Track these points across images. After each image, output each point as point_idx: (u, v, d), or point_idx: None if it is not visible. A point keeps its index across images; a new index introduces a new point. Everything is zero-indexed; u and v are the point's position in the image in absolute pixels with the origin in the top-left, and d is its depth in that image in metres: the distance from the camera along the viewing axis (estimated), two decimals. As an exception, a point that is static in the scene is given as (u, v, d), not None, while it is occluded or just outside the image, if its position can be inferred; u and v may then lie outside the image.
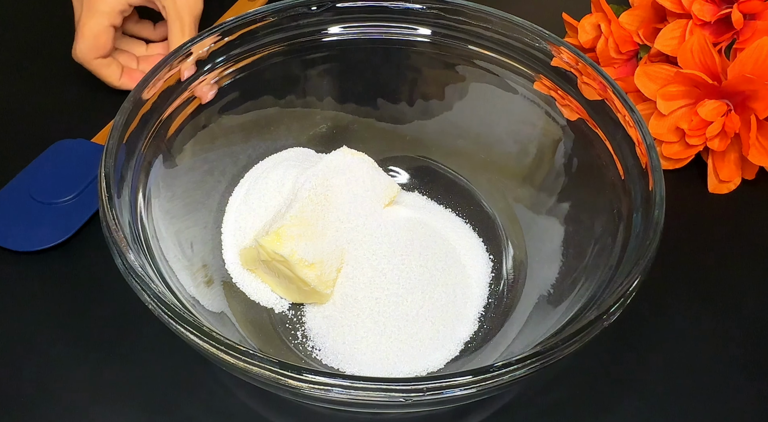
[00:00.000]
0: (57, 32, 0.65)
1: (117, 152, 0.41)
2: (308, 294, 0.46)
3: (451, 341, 0.46)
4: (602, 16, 0.58)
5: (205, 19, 0.59)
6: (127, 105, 0.43)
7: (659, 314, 0.50)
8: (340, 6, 0.51)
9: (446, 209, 0.53)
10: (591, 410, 0.46)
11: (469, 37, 0.51)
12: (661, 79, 0.55)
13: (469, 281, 0.49)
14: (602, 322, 0.36)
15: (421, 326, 0.46)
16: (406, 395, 0.33)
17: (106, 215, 0.39)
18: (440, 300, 0.47)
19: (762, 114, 0.52)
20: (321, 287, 0.46)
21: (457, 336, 0.46)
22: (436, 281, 0.47)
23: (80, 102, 0.61)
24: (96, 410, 0.44)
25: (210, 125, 0.49)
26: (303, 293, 0.46)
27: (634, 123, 0.43)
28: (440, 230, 0.51)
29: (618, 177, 0.44)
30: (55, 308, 0.48)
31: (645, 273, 0.38)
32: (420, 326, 0.46)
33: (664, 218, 0.40)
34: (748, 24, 0.53)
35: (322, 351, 0.46)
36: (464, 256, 0.50)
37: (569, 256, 0.47)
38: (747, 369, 0.48)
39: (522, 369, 0.34)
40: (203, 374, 0.46)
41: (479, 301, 0.48)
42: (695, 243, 0.54)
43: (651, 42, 0.56)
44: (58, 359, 0.46)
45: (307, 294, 0.46)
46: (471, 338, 0.47)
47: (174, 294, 0.39)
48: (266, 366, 0.34)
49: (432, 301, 0.47)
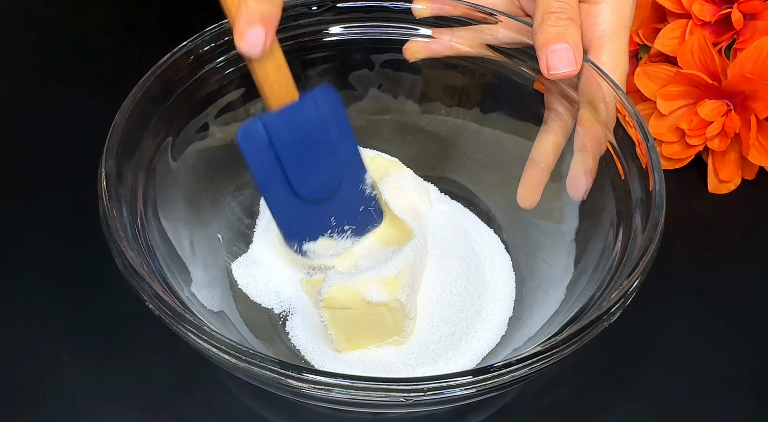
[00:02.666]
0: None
1: (117, 152, 0.41)
2: (380, 338, 0.44)
3: (472, 351, 0.46)
4: (602, 16, 0.58)
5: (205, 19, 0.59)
6: (127, 104, 0.43)
7: (659, 315, 0.50)
8: (340, 6, 0.50)
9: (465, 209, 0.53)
10: (591, 410, 0.46)
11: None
12: (661, 79, 0.55)
13: (496, 283, 0.49)
14: (602, 322, 0.36)
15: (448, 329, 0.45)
16: (407, 395, 0.33)
17: (106, 215, 0.39)
18: (473, 306, 0.46)
19: (762, 114, 0.52)
20: (407, 334, 0.44)
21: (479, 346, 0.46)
22: (470, 289, 0.47)
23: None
24: (96, 410, 0.44)
25: (211, 125, 0.49)
26: (370, 335, 0.44)
27: (634, 123, 0.43)
28: (471, 233, 0.51)
29: (618, 177, 0.44)
30: (55, 308, 0.48)
31: (645, 274, 0.38)
32: (446, 329, 0.45)
33: (664, 218, 0.40)
34: (748, 24, 0.53)
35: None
36: (488, 257, 0.50)
37: (569, 256, 0.47)
38: (747, 369, 0.48)
39: (522, 369, 0.34)
40: (203, 374, 0.46)
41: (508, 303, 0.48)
42: (695, 243, 0.54)
43: (651, 42, 0.56)
44: (58, 359, 0.46)
45: (379, 338, 0.44)
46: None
47: (174, 294, 0.39)
48: (267, 365, 0.34)
49: (463, 307, 0.46)
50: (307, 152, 0.42)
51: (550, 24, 0.43)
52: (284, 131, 0.41)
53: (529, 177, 0.49)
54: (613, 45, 0.46)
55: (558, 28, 0.43)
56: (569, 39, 0.43)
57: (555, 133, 0.48)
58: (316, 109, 0.42)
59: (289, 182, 0.42)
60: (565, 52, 0.43)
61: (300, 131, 0.41)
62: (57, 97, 0.61)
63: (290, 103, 0.41)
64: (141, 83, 0.44)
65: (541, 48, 0.44)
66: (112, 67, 0.63)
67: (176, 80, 0.46)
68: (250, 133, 0.41)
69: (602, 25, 0.45)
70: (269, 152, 0.41)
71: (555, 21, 0.43)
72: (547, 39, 0.43)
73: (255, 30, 0.37)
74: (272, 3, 0.38)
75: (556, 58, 0.43)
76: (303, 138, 0.42)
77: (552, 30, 0.43)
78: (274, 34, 0.39)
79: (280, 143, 0.41)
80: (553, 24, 0.43)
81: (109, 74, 0.62)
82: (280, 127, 0.41)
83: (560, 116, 0.47)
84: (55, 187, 0.55)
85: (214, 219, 0.50)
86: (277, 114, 0.41)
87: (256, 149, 0.41)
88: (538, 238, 0.50)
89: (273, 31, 0.38)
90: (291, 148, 0.41)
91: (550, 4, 0.44)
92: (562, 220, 0.49)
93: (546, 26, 0.43)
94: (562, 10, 0.44)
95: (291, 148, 0.41)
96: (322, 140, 0.42)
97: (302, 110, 0.41)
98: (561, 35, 0.43)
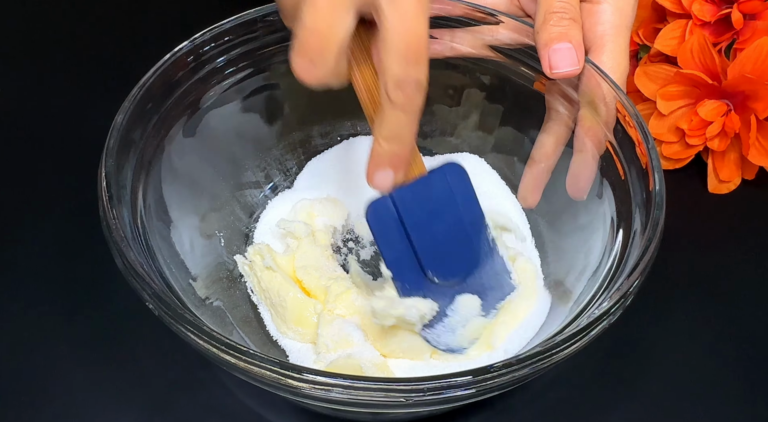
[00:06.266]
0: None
1: (117, 152, 0.41)
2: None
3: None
4: (602, 16, 0.58)
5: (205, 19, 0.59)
6: (127, 104, 0.43)
7: (659, 315, 0.50)
8: (340, 6, 0.50)
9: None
10: (591, 410, 0.46)
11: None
12: (661, 79, 0.55)
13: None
14: (602, 322, 0.36)
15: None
16: (407, 395, 0.33)
17: (106, 215, 0.39)
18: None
19: (762, 114, 0.52)
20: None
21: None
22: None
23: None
24: (96, 410, 0.44)
25: (210, 125, 0.49)
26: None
27: (634, 123, 0.43)
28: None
29: (618, 177, 0.44)
30: (55, 308, 0.48)
31: (645, 274, 0.38)
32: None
33: (664, 218, 0.40)
34: (748, 24, 0.53)
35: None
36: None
37: (569, 257, 0.47)
38: (747, 370, 0.48)
39: (522, 369, 0.34)
40: (203, 374, 0.46)
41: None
42: (695, 243, 0.54)
43: (651, 42, 0.56)
44: (58, 359, 0.46)
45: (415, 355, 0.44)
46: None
47: (174, 294, 0.39)
48: (267, 365, 0.34)
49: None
50: (438, 229, 0.40)
51: (553, 23, 0.43)
52: (413, 205, 0.40)
53: (529, 177, 0.49)
54: (614, 45, 0.46)
55: (560, 27, 0.43)
56: (571, 38, 0.43)
57: (555, 133, 0.48)
58: (445, 184, 0.40)
59: (418, 260, 0.41)
60: (568, 51, 0.43)
61: (429, 205, 0.40)
62: (57, 97, 0.61)
63: (419, 178, 0.40)
64: (141, 83, 0.44)
65: (544, 47, 0.44)
66: (111, 68, 0.63)
67: (176, 80, 0.46)
68: (379, 208, 0.39)
69: (604, 25, 0.46)
70: (399, 228, 0.40)
71: (557, 21, 0.43)
72: (550, 38, 0.43)
73: (384, 173, 0.37)
74: (402, 143, 0.37)
75: (559, 57, 0.43)
76: (432, 213, 0.40)
77: (554, 29, 0.43)
78: (409, 166, 0.38)
79: (409, 219, 0.40)
80: (555, 24, 0.43)
81: (109, 74, 0.62)
82: (409, 201, 0.39)
83: (560, 116, 0.47)
84: (55, 187, 0.55)
85: (214, 219, 0.50)
86: (407, 188, 0.39)
87: (385, 226, 0.40)
88: (537, 239, 0.50)
89: (403, 171, 0.38)
90: (421, 224, 0.40)
91: (552, 4, 0.44)
92: (562, 220, 0.49)
93: (548, 26, 0.43)
94: (564, 10, 0.44)
95: (421, 224, 0.40)
96: (452, 217, 0.41)
97: (431, 184, 0.40)
98: (563, 35, 0.43)
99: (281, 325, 0.46)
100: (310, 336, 0.45)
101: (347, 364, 0.42)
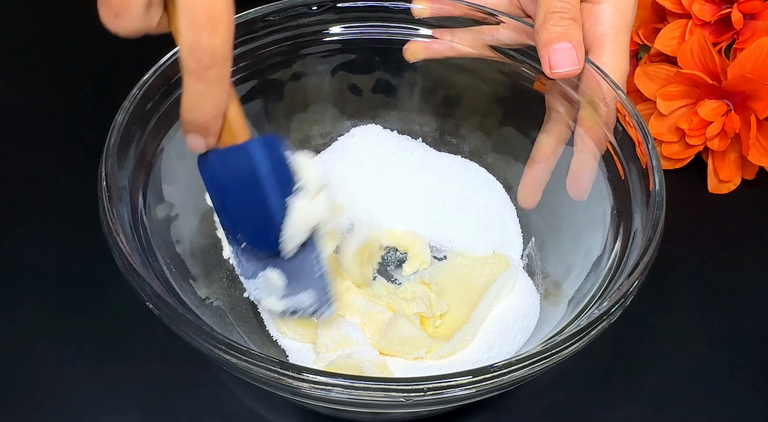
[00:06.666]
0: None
1: (117, 152, 0.41)
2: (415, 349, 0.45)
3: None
4: (602, 16, 0.58)
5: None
6: (127, 104, 0.43)
7: (659, 315, 0.50)
8: (340, 6, 0.50)
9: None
10: (591, 410, 0.46)
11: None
12: (661, 79, 0.55)
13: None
14: (602, 322, 0.36)
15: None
16: (407, 395, 0.33)
17: (106, 215, 0.39)
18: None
19: (762, 114, 0.52)
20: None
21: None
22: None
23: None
24: (96, 410, 0.44)
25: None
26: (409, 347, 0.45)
27: (634, 123, 0.43)
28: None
29: (618, 177, 0.44)
30: (55, 308, 0.48)
31: (645, 274, 0.38)
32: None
33: (664, 218, 0.40)
34: (748, 24, 0.53)
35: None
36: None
37: (569, 257, 0.47)
38: (747, 370, 0.48)
39: (522, 369, 0.34)
40: (203, 374, 0.46)
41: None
42: (695, 243, 0.54)
43: (651, 42, 0.56)
44: (58, 359, 0.46)
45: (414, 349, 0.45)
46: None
47: (174, 294, 0.39)
48: (267, 365, 0.34)
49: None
50: (248, 197, 0.40)
51: (553, 23, 0.43)
52: (225, 170, 0.39)
53: (529, 177, 0.49)
54: (614, 45, 0.46)
55: (560, 27, 0.43)
56: (572, 38, 0.43)
57: (555, 133, 0.48)
58: (262, 155, 0.39)
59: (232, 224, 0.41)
60: (568, 51, 0.43)
61: (241, 172, 0.39)
62: (57, 97, 0.61)
63: (233, 146, 0.39)
64: (141, 83, 0.44)
65: (544, 47, 0.44)
66: (111, 67, 0.63)
67: (176, 80, 0.46)
68: (205, 161, 0.40)
69: (604, 25, 0.46)
70: (218, 184, 0.40)
71: (557, 20, 0.43)
72: (550, 38, 0.43)
73: (192, 137, 0.37)
74: (203, 112, 0.36)
75: (559, 57, 0.43)
76: (244, 181, 0.40)
77: (554, 29, 0.43)
78: (217, 133, 0.37)
79: (224, 182, 0.40)
80: (555, 23, 0.43)
81: (109, 74, 0.62)
82: (221, 165, 0.39)
83: (560, 116, 0.47)
84: (55, 187, 0.55)
85: (214, 219, 0.49)
86: (219, 152, 0.39)
87: (210, 178, 0.40)
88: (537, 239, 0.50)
89: (213, 137, 0.37)
90: (233, 189, 0.40)
91: (552, 4, 0.44)
92: (562, 220, 0.49)
93: (548, 26, 0.43)
94: (564, 10, 0.44)
95: (233, 189, 0.40)
96: (260, 187, 0.40)
97: (246, 153, 0.39)
98: (563, 35, 0.43)
99: (281, 325, 0.46)
100: (309, 336, 0.45)
101: (347, 364, 0.42)
